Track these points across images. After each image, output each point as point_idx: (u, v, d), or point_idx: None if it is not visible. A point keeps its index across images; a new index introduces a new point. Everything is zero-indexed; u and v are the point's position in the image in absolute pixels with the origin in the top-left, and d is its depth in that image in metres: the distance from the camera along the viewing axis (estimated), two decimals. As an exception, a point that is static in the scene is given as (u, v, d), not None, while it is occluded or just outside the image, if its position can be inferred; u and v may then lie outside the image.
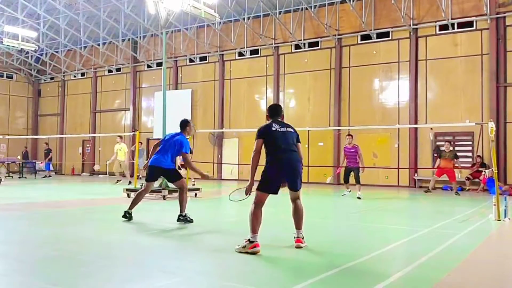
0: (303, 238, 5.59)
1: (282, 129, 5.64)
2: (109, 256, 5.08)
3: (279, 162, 5.51)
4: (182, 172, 17.47)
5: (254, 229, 5.33)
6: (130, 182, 17.18)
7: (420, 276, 4.37)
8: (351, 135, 13.65)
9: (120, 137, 18.86)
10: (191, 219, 7.56)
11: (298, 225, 5.65)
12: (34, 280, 4.04)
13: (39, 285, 3.86)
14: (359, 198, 12.70)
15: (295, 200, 5.69)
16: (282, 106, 6.12)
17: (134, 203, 7.80)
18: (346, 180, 13.56)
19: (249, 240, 5.28)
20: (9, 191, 14.42)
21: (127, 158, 18.69)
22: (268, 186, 5.48)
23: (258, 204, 5.45)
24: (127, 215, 7.70)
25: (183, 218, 7.59)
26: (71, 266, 4.58)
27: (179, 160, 18.76)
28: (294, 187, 5.61)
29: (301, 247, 5.49)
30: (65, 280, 4.06)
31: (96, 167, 22.65)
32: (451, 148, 15.16)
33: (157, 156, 7.79)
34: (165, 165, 7.72)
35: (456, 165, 14.62)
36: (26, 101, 31.73)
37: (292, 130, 5.73)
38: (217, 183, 21.19)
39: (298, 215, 5.65)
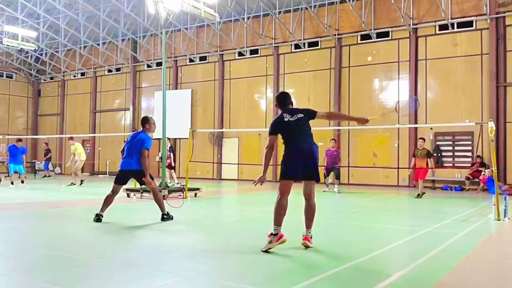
0: (311, 237, 5.52)
1: (293, 118, 5.60)
2: (108, 256, 5.08)
3: (297, 150, 5.50)
4: (167, 174, 17.23)
5: (278, 221, 5.32)
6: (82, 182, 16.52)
7: (420, 276, 4.37)
8: (335, 139, 15.98)
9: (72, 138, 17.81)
10: (172, 216, 7.77)
11: (309, 224, 5.57)
12: (34, 280, 4.03)
13: (39, 285, 3.86)
14: (338, 192, 14.86)
15: (309, 196, 5.58)
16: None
17: (105, 205, 7.68)
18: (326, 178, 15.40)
19: (271, 234, 5.28)
20: (9, 191, 14.42)
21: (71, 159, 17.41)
22: (289, 173, 5.47)
23: (283, 194, 5.42)
24: (99, 218, 7.53)
25: (167, 217, 7.72)
26: (71, 266, 4.58)
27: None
28: (310, 176, 5.51)
29: (308, 246, 5.42)
30: (65, 280, 4.05)
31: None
32: (424, 146, 14.13)
33: (124, 159, 7.81)
34: (134, 167, 7.69)
35: (430, 165, 13.72)
36: (26, 101, 31.72)
37: (302, 114, 5.66)
38: (217, 183, 21.20)
39: (310, 213, 5.57)
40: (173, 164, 18.16)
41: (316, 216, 5.62)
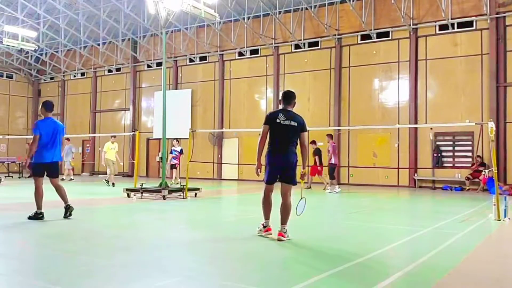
0: (285, 232, 5.89)
1: (285, 122, 5.94)
2: (108, 256, 5.08)
3: (275, 155, 5.97)
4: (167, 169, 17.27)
5: (266, 216, 6.12)
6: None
7: (420, 276, 4.37)
8: (331, 135, 16.03)
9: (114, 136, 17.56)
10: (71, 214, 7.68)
11: (284, 220, 5.95)
12: (34, 280, 4.03)
13: (39, 285, 3.86)
14: (330, 192, 14.82)
15: (285, 196, 5.98)
16: (282, 106, 6.27)
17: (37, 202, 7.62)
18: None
19: (263, 224, 6.13)
20: (9, 191, 14.42)
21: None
22: (271, 179, 6.03)
23: (267, 194, 6.08)
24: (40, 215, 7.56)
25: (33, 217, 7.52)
26: (71, 266, 4.58)
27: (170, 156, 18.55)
28: (286, 180, 5.97)
29: (282, 240, 5.80)
30: (65, 280, 4.05)
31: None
32: (314, 146, 15.61)
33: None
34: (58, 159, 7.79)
35: (317, 163, 15.40)
36: (26, 101, 31.72)
37: (296, 124, 5.96)
38: (217, 183, 21.20)
39: (285, 211, 5.96)
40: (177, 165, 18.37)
41: (291, 214, 6.02)
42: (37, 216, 7.53)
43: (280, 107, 6.16)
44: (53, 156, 7.71)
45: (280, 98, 6.24)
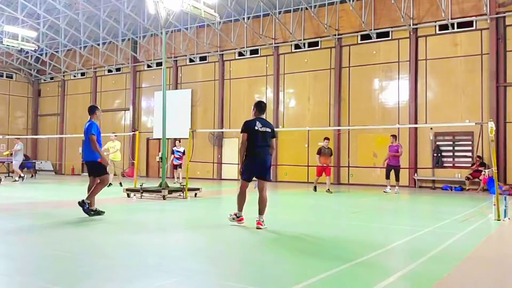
0: (263, 221, 6.78)
1: (262, 129, 6.90)
2: (108, 256, 5.08)
3: (254, 157, 6.89)
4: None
5: (240, 207, 7.09)
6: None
7: (420, 276, 4.37)
8: (395, 135, 15.83)
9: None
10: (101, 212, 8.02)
11: (261, 211, 6.87)
12: (34, 280, 4.03)
13: (39, 285, 3.86)
14: (396, 193, 14.84)
15: (262, 190, 6.92)
16: (282, 106, 6.74)
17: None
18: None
19: (235, 214, 7.09)
20: (9, 191, 14.42)
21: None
22: (248, 177, 7.00)
23: (243, 190, 7.05)
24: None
25: (94, 213, 7.90)
26: (71, 266, 4.58)
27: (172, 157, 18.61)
28: (263, 177, 6.94)
29: (260, 229, 6.65)
30: (65, 280, 4.05)
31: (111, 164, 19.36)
32: (327, 144, 15.33)
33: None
34: (85, 159, 8.20)
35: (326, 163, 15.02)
36: (26, 101, 31.72)
37: (270, 130, 7.00)
38: (217, 183, 21.19)
39: (262, 204, 6.88)
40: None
41: (268, 205, 6.95)
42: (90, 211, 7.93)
43: (252, 113, 7.09)
44: (84, 156, 8.31)
45: (254, 107, 7.09)
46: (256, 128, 6.85)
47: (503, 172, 16.60)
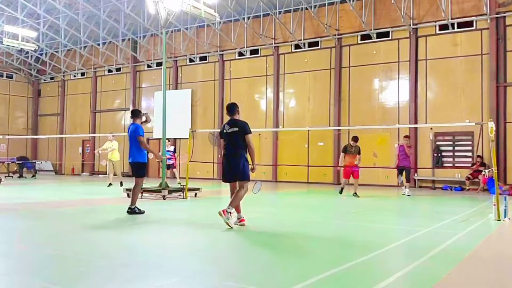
0: (228, 212, 6.79)
1: (230, 130, 7.01)
2: (108, 256, 5.08)
3: (226, 160, 7.05)
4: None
5: (237, 209, 7.08)
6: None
7: (420, 276, 4.37)
8: (408, 136, 15.36)
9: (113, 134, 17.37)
10: (141, 211, 8.42)
11: (232, 204, 6.89)
12: (34, 280, 4.03)
13: (39, 285, 3.86)
14: (408, 195, 14.03)
15: (239, 189, 7.02)
16: (282, 106, 6.70)
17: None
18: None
19: (226, 210, 6.90)
20: (9, 191, 14.42)
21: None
22: (224, 178, 7.17)
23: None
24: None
25: (131, 211, 8.34)
26: (71, 266, 4.58)
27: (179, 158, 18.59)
28: (240, 178, 6.96)
29: (221, 216, 6.72)
30: (65, 280, 4.06)
31: (103, 163, 19.22)
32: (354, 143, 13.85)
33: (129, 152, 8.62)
34: (130, 159, 8.54)
35: (356, 162, 13.72)
36: (26, 101, 31.72)
37: (238, 129, 6.99)
38: (217, 183, 21.19)
39: (235, 198, 6.96)
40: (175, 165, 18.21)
41: (242, 201, 7.04)
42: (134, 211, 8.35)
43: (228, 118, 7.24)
44: (129, 157, 8.61)
45: (226, 111, 7.28)
46: (224, 131, 7.08)
47: (503, 172, 16.60)
